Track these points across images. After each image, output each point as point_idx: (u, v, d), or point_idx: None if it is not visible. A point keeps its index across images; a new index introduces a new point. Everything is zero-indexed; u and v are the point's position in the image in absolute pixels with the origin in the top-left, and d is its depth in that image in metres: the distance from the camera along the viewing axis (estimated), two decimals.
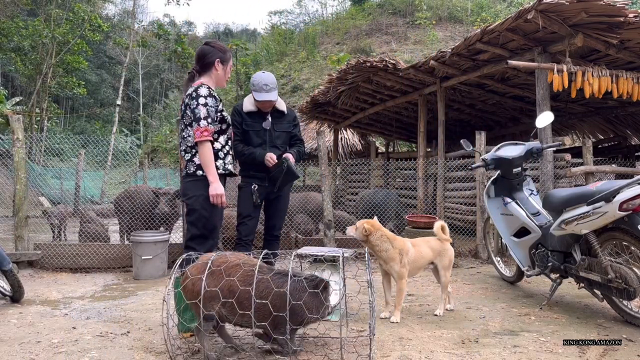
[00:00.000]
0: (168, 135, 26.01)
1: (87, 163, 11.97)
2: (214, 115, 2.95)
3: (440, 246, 3.48)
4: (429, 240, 3.52)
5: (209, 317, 2.46)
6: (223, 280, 2.43)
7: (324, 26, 33.29)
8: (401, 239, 3.35)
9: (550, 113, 4.27)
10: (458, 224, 7.11)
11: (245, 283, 2.42)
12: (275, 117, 3.66)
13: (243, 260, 2.55)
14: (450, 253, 3.50)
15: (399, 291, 3.25)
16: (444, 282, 3.47)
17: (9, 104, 17.03)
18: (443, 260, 3.46)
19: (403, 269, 3.23)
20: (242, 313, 2.40)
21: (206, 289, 2.40)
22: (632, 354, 2.66)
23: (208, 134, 2.86)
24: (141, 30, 23.84)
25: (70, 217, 7.02)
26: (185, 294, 2.49)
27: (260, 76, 3.53)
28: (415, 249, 3.36)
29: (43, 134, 15.55)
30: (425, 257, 3.40)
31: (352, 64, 7.76)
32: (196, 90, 2.94)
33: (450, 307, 3.56)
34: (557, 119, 7.13)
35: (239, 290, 2.40)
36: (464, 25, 27.29)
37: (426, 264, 3.45)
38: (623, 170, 6.24)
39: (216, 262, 2.51)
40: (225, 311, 2.44)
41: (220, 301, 2.41)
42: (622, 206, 2.93)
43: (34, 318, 3.44)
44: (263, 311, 2.38)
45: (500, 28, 5.35)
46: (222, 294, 2.42)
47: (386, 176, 9.73)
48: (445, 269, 3.46)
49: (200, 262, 2.55)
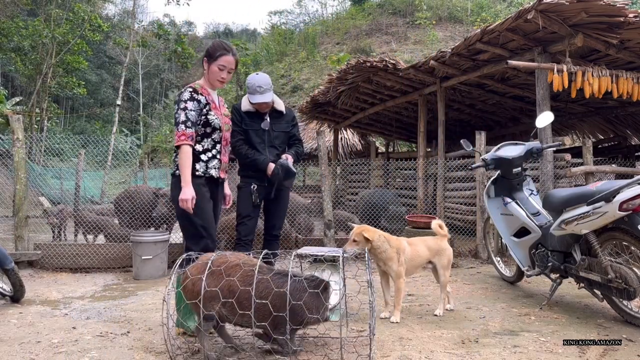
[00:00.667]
0: (168, 135, 26.02)
1: (87, 163, 11.96)
2: (196, 119, 2.93)
3: (438, 245, 3.47)
4: (426, 240, 3.51)
5: (209, 317, 2.46)
6: (223, 280, 2.43)
7: (324, 26, 33.30)
8: (396, 238, 3.35)
9: (550, 113, 4.27)
10: (458, 224, 7.11)
11: (245, 283, 2.42)
12: (273, 117, 3.63)
13: (243, 260, 2.55)
14: (449, 252, 3.50)
15: (398, 290, 3.25)
16: (443, 282, 3.46)
17: (9, 104, 17.03)
18: (442, 259, 3.45)
19: (401, 267, 3.23)
20: (242, 313, 2.41)
21: (206, 289, 2.40)
22: (632, 354, 2.66)
23: (185, 138, 2.87)
24: (141, 30, 23.85)
25: (70, 217, 7.03)
26: (186, 294, 2.49)
27: (253, 78, 3.47)
28: (412, 247, 3.36)
29: (43, 134, 15.56)
30: (422, 255, 3.40)
31: (352, 64, 7.76)
32: (180, 93, 2.96)
33: (450, 307, 3.56)
34: (557, 119, 7.13)
35: (239, 290, 2.40)
36: (464, 25, 27.29)
37: (424, 262, 3.45)
38: (623, 170, 6.25)
39: (216, 262, 2.51)
40: (226, 311, 2.44)
41: (220, 301, 2.41)
42: (622, 206, 2.93)
43: (34, 318, 3.44)
44: (263, 311, 2.38)
45: (500, 28, 5.35)
46: (222, 294, 2.42)
47: (386, 176, 9.74)
48: (444, 269, 3.45)
49: (200, 262, 2.55)
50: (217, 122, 3.03)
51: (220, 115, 3.09)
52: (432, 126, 8.80)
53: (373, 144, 12.53)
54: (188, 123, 2.89)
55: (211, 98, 3.06)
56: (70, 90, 17.89)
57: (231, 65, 3.03)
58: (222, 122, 3.10)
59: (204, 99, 2.99)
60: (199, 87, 3.03)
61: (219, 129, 3.06)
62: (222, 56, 3.00)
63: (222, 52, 3.00)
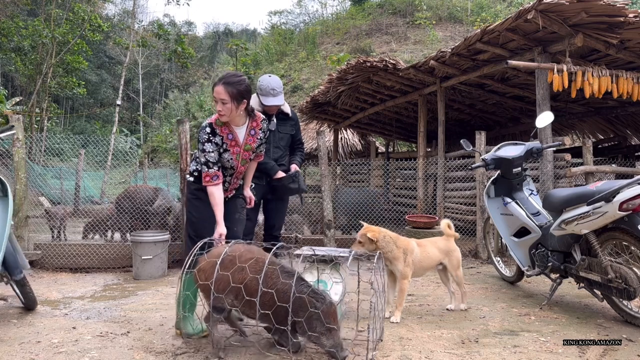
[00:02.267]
0: (168, 135, 25.99)
1: (87, 163, 11.96)
2: (216, 159, 2.90)
3: (447, 246, 3.48)
4: (436, 241, 3.52)
5: (221, 309, 2.52)
6: (237, 274, 2.47)
7: (324, 26, 33.27)
8: (405, 238, 3.35)
9: (550, 113, 4.27)
10: (458, 224, 7.10)
11: (265, 283, 2.44)
12: (280, 119, 3.75)
13: (259, 254, 2.58)
14: (458, 253, 3.52)
15: (401, 291, 3.24)
16: (459, 281, 3.52)
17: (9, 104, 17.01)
18: (452, 260, 3.47)
19: (407, 268, 3.22)
20: (251, 306, 2.44)
21: (219, 281, 2.46)
22: (632, 354, 2.66)
23: (209, 179, 2.88)
24: (141, 30, 23.81)
25: (70, 217, 7.03)
26: (200, 285, 2.56)
27: (267, 80, 3.51)
28: (421, 249, 3.35)
29: (43, 134, 15.55)
30: (432, 257, 3.40)
31: (352, 64, 7.76)
32: (200, 130, 2.92)
33: (464, 307, 3.58)
34: (557, 119, 7.13)
35: (255, 289, 2.41)
36: (464, 25, 27.28)
37: (434, 265, 3.45)
38: (623, 170, 6.25)
39: (230, 255, 2.56)
40: (239, 305, 2.49)
41: (238, 296, 2.46)
42: (622, 206, 2.94)
43: (34, 318, 3.44)
44: (280, 313, 2.39)
45: (500, 28, 5.35)
46: (235, 289, 2.45)
47: (386, 176, 9.74)
48: (455, 269, 3.48)
49: (215, 254, 2.60)
50: (229, 164, 2.99)
51: (238, 153, 2.98)
52: (432, 126, 8.79)
53: (373, 144, 12.53)
54: (209, 164, 2.88)
55: (230, 135, 2.94)
56: (70, 90, 17.88)
57: (218, 95, 2.80)
58: (241, 158, 3.02)
59: (220, 139, 2.91)
60: (221, 125, 2.91)
61: (231, 167, 3.03)
62: (215, 87, 2.85)
63: (216, 82, 2.86)
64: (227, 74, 2.89)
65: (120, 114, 22.55)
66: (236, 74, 2.89)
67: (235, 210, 3.20)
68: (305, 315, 2.32)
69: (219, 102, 2.82)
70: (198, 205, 3.03)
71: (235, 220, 3.18)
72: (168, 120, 28.89)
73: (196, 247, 2.70)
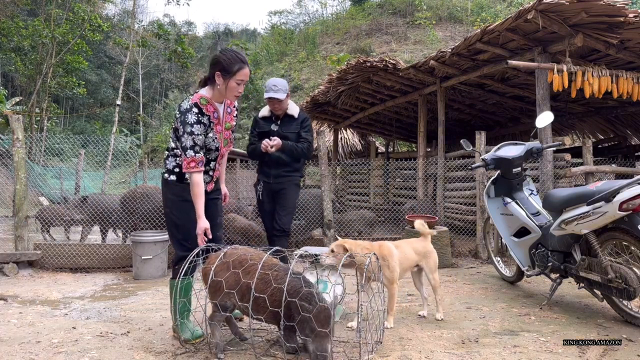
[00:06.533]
0: (168, 135, 26.01)
1: (87, 163, 11.96)
2: (203, 142, 2.78)
3: (424, 247, 3.34)
4: (412, 242, 3.38)
5: (224, 308, 2.54)
6: (241, 277, 2.49)
7: (324, 26, 33.31)
8: (381, 243, 3.21)
9: (550, 113, 4.27)
10: (458, 224, 7.11)
11: (267, 285, 2.44)
12: (285, 121, 3.96)
13: (262, 259, 2.57)
14: (435, 254, 3.37)
15: (391, 296, 3.12)
16: (435, 285, 3.33)
17: (9, 104, 17.01)
18: (429, 262, 3.33)
19: (393, 273, 3.09)
20: (258, 309, 2.45)
21: (224, 283, 2.48)
22: (632, 354, 2.66)
23: (195, 165, 2.71)
24: (141, 30, 23.80)
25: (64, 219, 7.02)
26: (207, 286, 2.57)
27: (272, 79, 3.93)
28: (399, 250, 3.23)
29: (43, 134, 15.55)
30: (409, 258, 3.27)
31: (352, 64, 7.76)
32: (185, 112, 2.73)
33: (440, 317, 3.36)
34: (557, 119, 7.13)
35: (259, 291, 2.42)
36: (464, 25, 27.30)
37: (412, 265, 3.31)
38: (623, 170, 6.25)
39: (233, 257, 2.58)
40: (243, 305, 2.50)
41: (244, 295, 2.46)
42: (622, 206, 2.93)
43: (34, 318, 3.43)
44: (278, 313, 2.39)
45: (500, 28, 5.35)
46: (242, 290, 2.47)
47: (386, 176, 9.74)
48: (432, 272, 3.32)
49: (218, 255, 2.62)
50: (214, 144, 2.87)
51: (221, 132, 2.91)
52: (432, 126, 8.79)
53: (373, 144, 12.53)
54: (196, 148, 2.71)
55: (216, 114, 2.85)
56: (70, 90, 17.89)
57: (247, 77, 2.80)
58: (223, 138, 2.93)
59: (207, 119, 2.79)
60: (205, 104, 2.79)
61: (216, 149, 2.91)
62: (240, 70, 2.75)
63: (240, 65, 2.75)
64: (242, 56, 2.81)
65: (120, 114, 22.56)
66: (243, 54, 2.90)
67: (217, 213, 3.06)
68: (299, 317, 2.32)
69: (242, 84, 2.81)
70: (184, 206, 2.83)
71: (217, 225, 3.04)
72: (168, 120, 28.93)
73: (193, 254, 2.65)
